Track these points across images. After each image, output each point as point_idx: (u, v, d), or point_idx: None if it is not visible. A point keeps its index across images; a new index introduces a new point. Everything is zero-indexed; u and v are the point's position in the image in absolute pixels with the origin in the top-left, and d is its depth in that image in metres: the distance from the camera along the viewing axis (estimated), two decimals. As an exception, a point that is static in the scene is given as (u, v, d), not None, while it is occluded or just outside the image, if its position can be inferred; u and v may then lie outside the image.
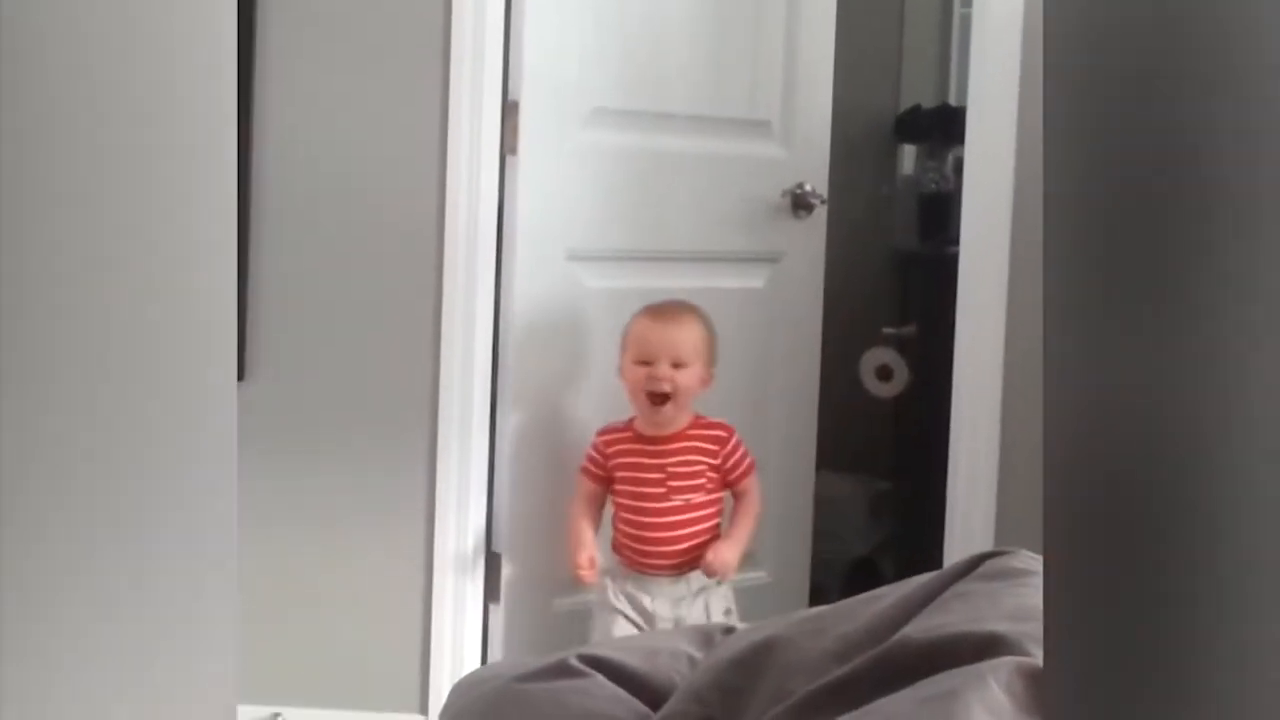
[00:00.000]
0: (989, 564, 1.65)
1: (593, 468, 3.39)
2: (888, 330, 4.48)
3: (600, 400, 3.55)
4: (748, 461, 3.38)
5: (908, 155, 5.07)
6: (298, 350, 3.30)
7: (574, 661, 1.72)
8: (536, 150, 3.39)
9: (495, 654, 3.41)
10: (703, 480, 3.33)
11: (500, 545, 3.40)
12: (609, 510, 3.41)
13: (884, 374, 4.36)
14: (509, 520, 3.41)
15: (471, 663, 3.36)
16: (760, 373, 3.85)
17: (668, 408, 3.30)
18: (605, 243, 3.58)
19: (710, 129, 3.72)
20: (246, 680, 3.25)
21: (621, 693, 1.68)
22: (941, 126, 4.79)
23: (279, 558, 3.31)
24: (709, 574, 3.28)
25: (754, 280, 3.84)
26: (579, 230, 3.51)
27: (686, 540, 3.30)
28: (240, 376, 3.23)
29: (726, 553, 3.27)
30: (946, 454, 3.51)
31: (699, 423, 3.37)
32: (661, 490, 3.31)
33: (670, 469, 3.32)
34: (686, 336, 3.32)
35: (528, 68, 3.34)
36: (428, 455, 3.31)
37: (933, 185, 4.94)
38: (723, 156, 3.75)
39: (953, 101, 4.89)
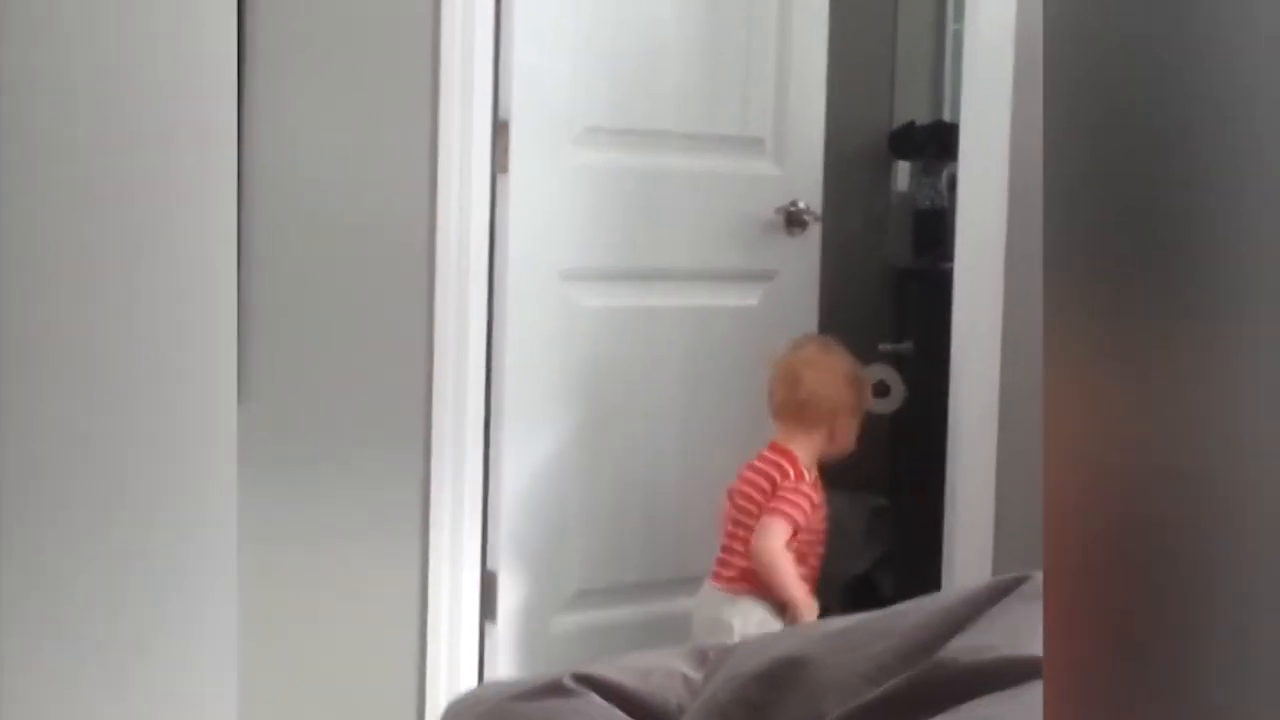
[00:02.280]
0: (1028, 585, 1.62)
1: (802, 518, 3.34)
2: (884, 347, 4.47)
3: (594, 417, 3.55)
4: None
5: (902, 171, 5.06)
6: (290, 372, 3.29)
7: (568, 681, 1.70)
8: (528, 169, 3.38)
9: (492, 674, 3.40)
10: None
11: (497, 564, 3.39)
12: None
13: (880, 391, 4.34)
14: (505, 539, 3.39)
15: (468, 682, 3.34)
16: (755, 391, 3.83)
17: None
18: (598, 262, 3.57)
19: (703, 147, 3.71)
20: (241, 700, 3.23)
21: (616, 712, 1.67)
22: (935, 142, 4.78)
23: (274, 577, 3.30)
24: None
25: (748, 298, 3.83)
26: (571, 249, 3.50)
27: None
28: (233, 399, 3.22)
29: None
30: (944, 470, 3.49)
31: None
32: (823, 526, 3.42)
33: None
34: None
35: (518, 87, 3.33)
36: (422, 475, 3.30)
37: (927, 201, 4.94)
38: (715, 174, 3.74)
39: (947, 117, 4.88)
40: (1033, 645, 1.41)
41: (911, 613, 1.63)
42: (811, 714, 1.48)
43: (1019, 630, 1.48)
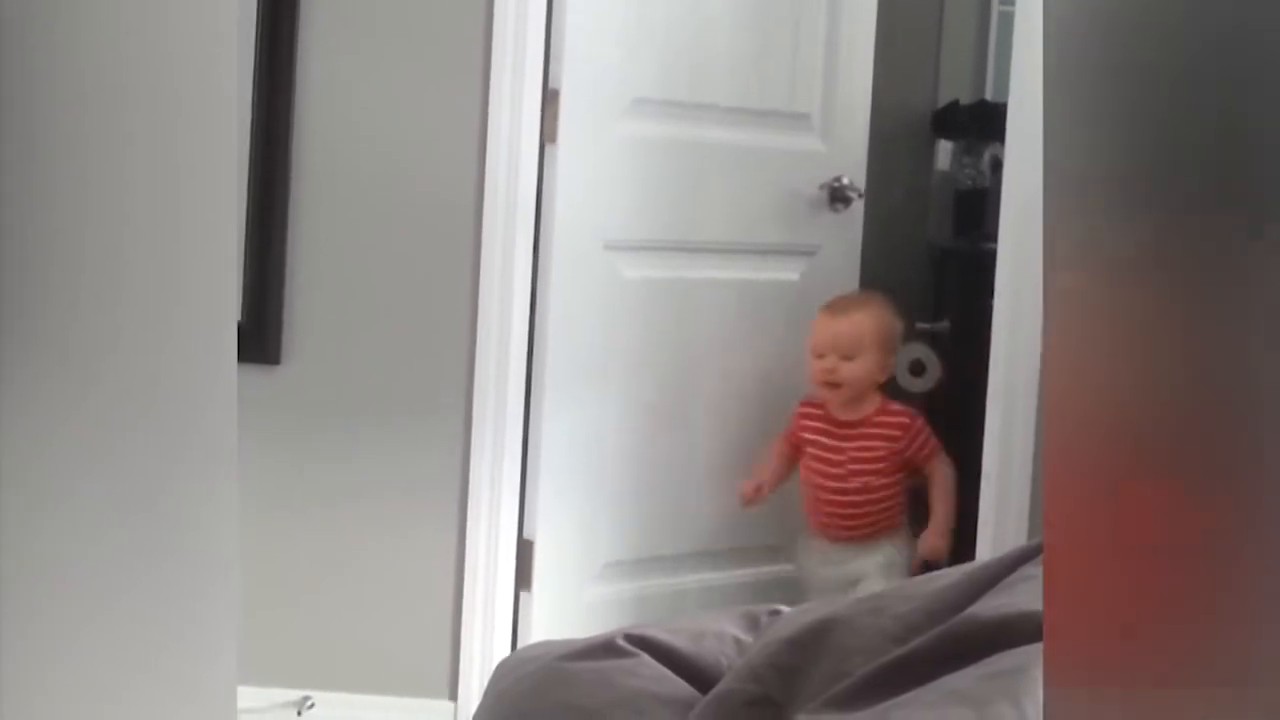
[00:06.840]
0: None
1: (789, 437, 3.70)
2: (921, 325, 4.47)
3: (634, 389, 3.56)
4: (931, 445, 3.67)
5: (944, 151, 5.05)
6: (333, 335, 3.31)
7: (621, 641, 1.72)
8: (576, 139, 3.38)
9: (525, 642, 3.41)
10: (881, 465, 3.63)
11: (533, 532, 3.41)
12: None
13: (917, 369, 4.35)
14: (542, 507, 3.41)
15: (502, 650, 3.36)
16: (795, 366, 3.84)
17: (839, 394, 3.62)
18: (642, 233, 3.58)
19: (749, 121, 3.71)
20: (277, 664, 3.26)
21: (668, 673, 1.68)
22: (978, 123, 4.77)
23: (312, 542, 3.32)
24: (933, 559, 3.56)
25: (789, 273, 3.84)
26: (616, 220, 3.51)
27: (867, 518, 3.63)
28: (276, 360, 3.25)
29: (934, 541, 3.60)
30: (979, 449, 3.49)
31: (884, 409, 3.67)
32: (842, 472, 3.62)
33: (852, 454, 3.62)
34: (850, 330, 3.62)
35: (569, 56, 3.34)
36: (462, 442, 3.31)
37: (969, 181, 4.93)
38: (761, 149, 3.75)
39: (990, 98, 4.87)
40: None
41: (939, 578, 1.65)
42: (839, 674, 1.50)
43: (1041, 589, 1.50)
